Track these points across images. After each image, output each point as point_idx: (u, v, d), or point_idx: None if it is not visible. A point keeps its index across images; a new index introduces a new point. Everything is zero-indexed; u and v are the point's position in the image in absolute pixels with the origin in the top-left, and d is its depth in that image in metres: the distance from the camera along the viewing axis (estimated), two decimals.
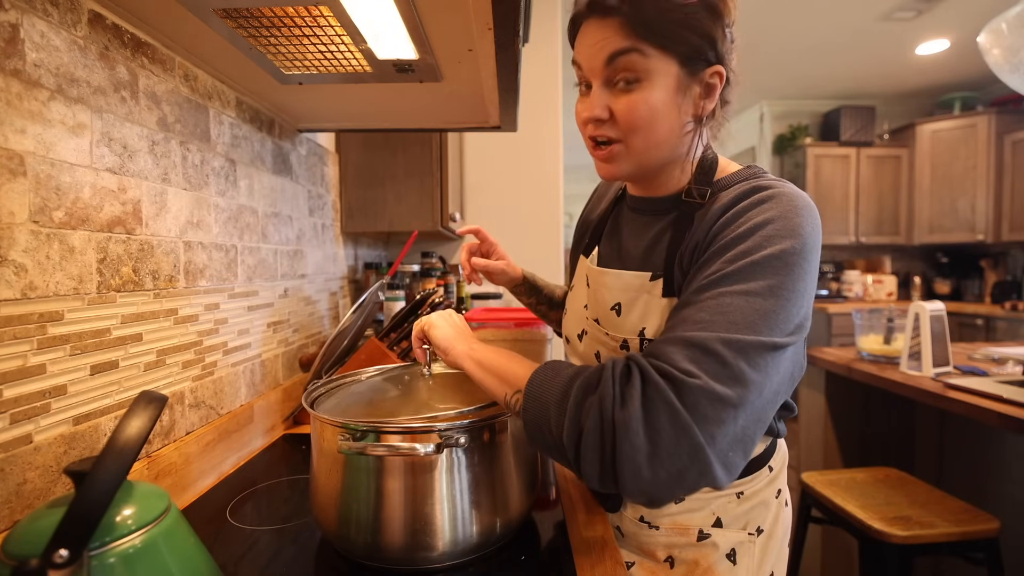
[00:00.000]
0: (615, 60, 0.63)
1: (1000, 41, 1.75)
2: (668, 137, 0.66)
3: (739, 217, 0.62)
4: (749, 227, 0.60)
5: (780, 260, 0.57)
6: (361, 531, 0.63)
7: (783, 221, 0.59)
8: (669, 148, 0.68)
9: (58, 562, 0.39)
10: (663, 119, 0.64)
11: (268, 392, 1.16)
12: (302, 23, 0.73)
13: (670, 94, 0.63)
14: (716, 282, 0.58)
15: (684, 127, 0.67)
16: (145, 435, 0.44)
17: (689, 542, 0.74)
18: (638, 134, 0.65)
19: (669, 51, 0.62)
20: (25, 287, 0.59)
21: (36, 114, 0.60)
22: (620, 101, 0.64)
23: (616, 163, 0.69)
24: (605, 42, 0.63)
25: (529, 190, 2.34)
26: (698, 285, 0.59)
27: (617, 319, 0.73)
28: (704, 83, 0.65)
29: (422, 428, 0.62)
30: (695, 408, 0.51)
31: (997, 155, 4.14)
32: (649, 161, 0.68)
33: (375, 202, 1.68)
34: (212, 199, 0.95)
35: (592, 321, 0.78)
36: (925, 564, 1.91)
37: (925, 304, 1.70)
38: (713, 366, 0.52)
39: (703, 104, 0.66)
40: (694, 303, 0.58)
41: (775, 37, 3.54)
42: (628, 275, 0.73)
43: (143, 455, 0.77)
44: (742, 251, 0.58)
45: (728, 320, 0.54)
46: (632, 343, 0.71)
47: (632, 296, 0.72)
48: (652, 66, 0.62)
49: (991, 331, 3.77)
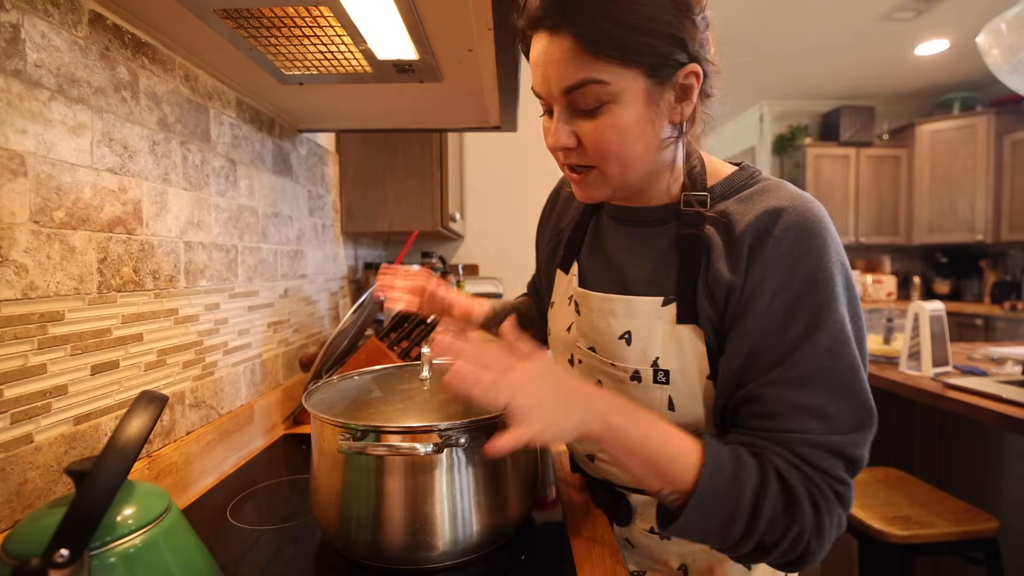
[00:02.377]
0: (570, 92, 0.58)
1: (999, 41, 1.75)
2: (645, 154, 0.61)
3: (784, 261, 0.58)
4: (807, 276, 0.57)
5: (844, 301, 0.58)
6: (361, 531, 0.63)
7: (828, 258, 0.58)
8: (649, 164, 0.63)
9: (59, 562, 0.39)
10: (636, 138, 0.59)
11: (268, 392, 1.16)
12: (302, 23, 0.73)
13: (639, 110, 0.58)
14: (810, 354, 0.56)
15: (662, 139, 0.61)
16: (146, 435, 0.44)
17: (703, 549, 0.71)
18: (611, 160, 0.60)
19: (632, 64, 0.55)
20: (26, 287, 0.59)
21: (37, 114, 0.60)
22: (585, 127, 0.59)
23: (593, 188, 0.65)
24: (559, 69, 0.57)
25: (529, 190, 2.34)
26: (790, 356, 0.57)
27: (627, 348, 0.67)
28: (678, 86, 0.59)
29: (422, 428, 0.62)
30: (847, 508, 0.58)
31: (996, 155, 4.14)
32: (629, 182, 0.63)
33: (375, 202, 1.68)
34: (212, 199, 0.95)
35: (587, 350, 0.72)
36: (925, 564, 1.91)
37: (924, 304, 1.70)
38: (854, 468, 0.57)
39: (680, 108, 0.60)
40: (803, 384, 0.56)
41: (775, 37, 3.54)
42: (638, 301, 0.67)
43: (144, 455, 0.77)
44: (812, 308, 0.57)
45: (849, 407, 0.57)
46: (645, 374, 0.65)
47: (643, 323, 0.66)
48: (615, 88, 0.56)
49: (990, 331, 3.77)
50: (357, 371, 0.84)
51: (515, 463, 0.70)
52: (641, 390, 0.66)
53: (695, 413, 0.65)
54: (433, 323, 1.24)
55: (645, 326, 0.66)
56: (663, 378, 0.65)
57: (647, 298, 0.66)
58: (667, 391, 0.65)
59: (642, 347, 0.66)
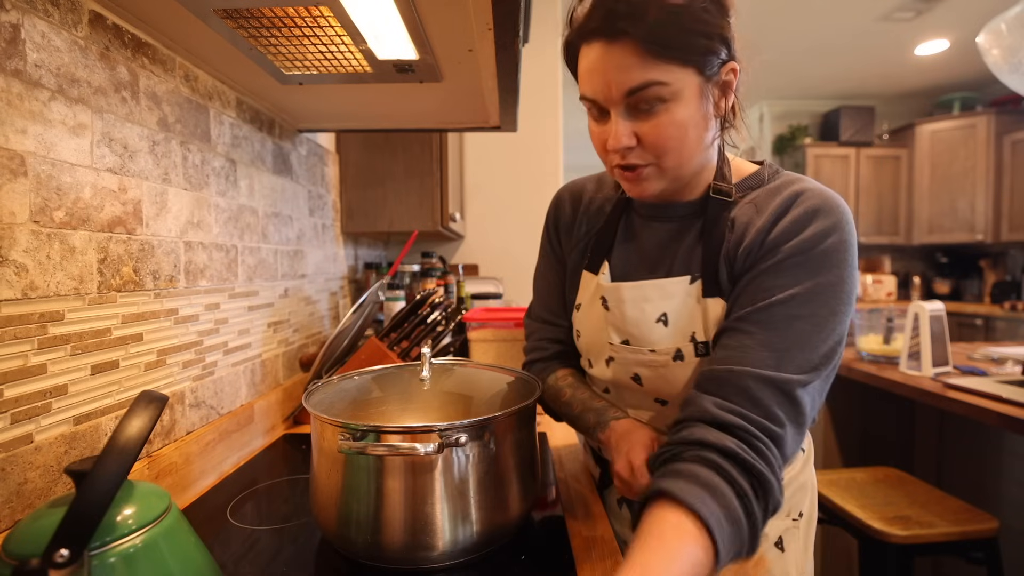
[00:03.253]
0: (636, 94, 0.60)
1: (999, 41, 1.75)
2: (699, 148, 0.65)
3: (798, 228, 0.64)
4: (810, 239, 0.63)
5: (838, 275, 0.62)
6: (361, 531, 0.63)
7: (837, 235, 0.63)
8: (702, 156, 0.67)
9: (59, 562, 0.39)
10: (692, 133, 0.63)
11: (268, 392, 1.16)
12: (302, 23, 0.73)
13: (694, 106, 0.62)
14: (785, 302, 0.61)
15: (711, 132, 0.66)
16: (146, 435, 0.44)
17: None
18: (670, 154, 0.64)
19: (688, 63, 0.60)
20: (26, 287, 0.59)
21: (37, 114, 0.60)
22: (646, 125, 0.62)
23: (649, 182, 0.67)
24: (620, 74, 0.60)
25: (529, 190, 2.34)
26: (768, 300, 0.62)
27: (665, 330, 0.70)
28: (721, 82, 0.64)
29: (422, 428, 0.62)
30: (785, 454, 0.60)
31: (996, 155, 4.14)
32: (683, 173, 0.67)
33: (375, 202, 1.68)
34: (212, 199, 0.95)
35: (620, 345, 0.74)
36: (925, 564, 1.91)
37: (924, 304, 1.70)
38: (795, 415, 0.60)
39: (722, 103, 0.65)
40: (770, 324, 0.61)
41: (775, 38, 3.55)
42: (670, 283, 0.71)
43: (144, 455, 0.77)
44: (809, 270, 0.62)
45: (803, 355, 0.60)
46: (687, 350, 0.69)
47: (678, 303, 0.70)
48: (675, 88, 0.60)
49: (990, 331, 3.77)
50: (357, 371, 0.84)
51: (515, 463, 0.70)
52: (685, 368, 0.69)
53: None
54: (433, 323, 1.24)
55: (679, 305, 0.70)
56: (703, 350, 0.68)
57: (677, 279, 0.71)
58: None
59: (680, 326, 0.70)
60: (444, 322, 1.25)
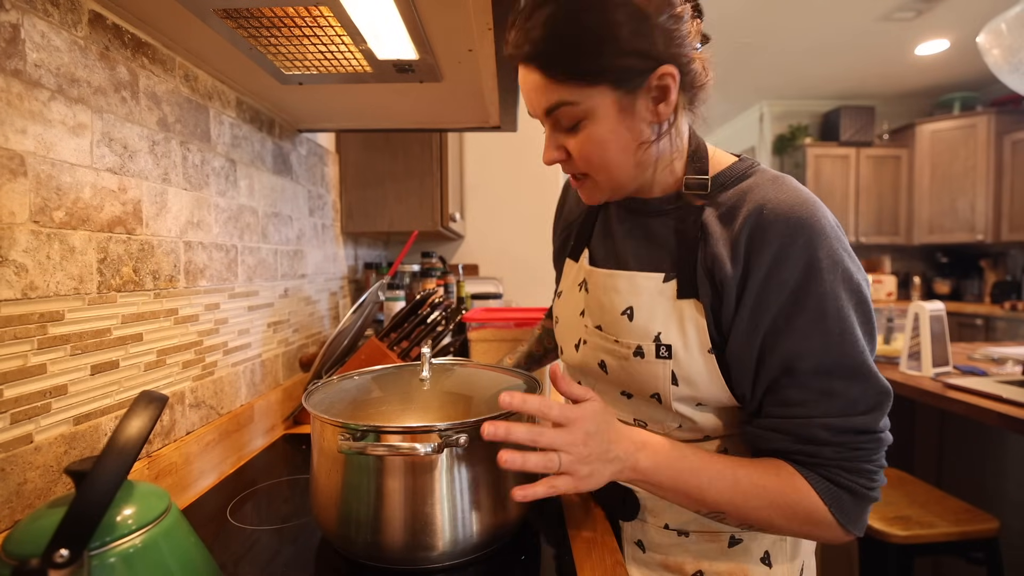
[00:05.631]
0: (550, 114, 0.63)
1: (1000, 41, 1.75)
2: (627, 161, 0.64)
3: (781, 253, 0.60)
4: (793, 280, 0.60)
5: (852, 293, 0.61)
6: (361, 531, 0.63)
7: (809, 254, 0.60)
8: (637, 165, 0.65)
9: (58, 562, 0.39)
10: (614, 147, 0.63)
11: (268, 392, 1.16)
12: (302, 23, 0.73)
13: (613, 122, 0.61)
14: (824, 342, 0.59)
15: (642, 142, 0.64)
16: (145, 435, 0.44)
17: (720, 549, 0.71)
18: (597, 169, 0.65)
19: (597, 83, 0.59)
20: (26, 287, 0.59)
21: (37, 114, 0.60)
22: (572, 141, 0.64)
23: (595, 192, 0.69)
24: (535, 95, 0.63)
25: (529, 190, 2.34)
26: (805, 345, 0.60)
27: (629, 324, 0.69)
28: (653, 89, 0.60)
29: (422, 428, 0.62)
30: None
31: (997, 155, 4.14)
32: (624, 183, 0.67)
33: (375, 202, 1.68)
34: (212, 199, 0.95)
35: (593, 328, 0.74)
36: (925, 564, 1.91)
37: (925, 304, 1.70)
38: (876, 440, 0.63)
39: (660, 109, 0.62)
40: (803, 386, 0.61)
41: (775, 37, 3.55)
42: (640, 276, 0.70)
43: (143, 455, 0.77)
44: (821, 312, 0.60)
45: (866, 390, 0.61)
46: (648, 349, 0.67)
47: (645, 299, 0.69)
48: (585, 107, 0.60)
49: (991, 331, 3.77)
50: (357, 371, 0.84)
51: None
52: (645, 365, 0.68)
53: (697, 387, 0.66)
54: (433, 323, 1.24)
55: (647, 302, 0.69)
56: (665, 353, 0.66)
57: (648, 274, 0.69)
58: (669, 365, 0.66)
59: (644, 323, 0.68)
60: (444, 322, 1.25)
